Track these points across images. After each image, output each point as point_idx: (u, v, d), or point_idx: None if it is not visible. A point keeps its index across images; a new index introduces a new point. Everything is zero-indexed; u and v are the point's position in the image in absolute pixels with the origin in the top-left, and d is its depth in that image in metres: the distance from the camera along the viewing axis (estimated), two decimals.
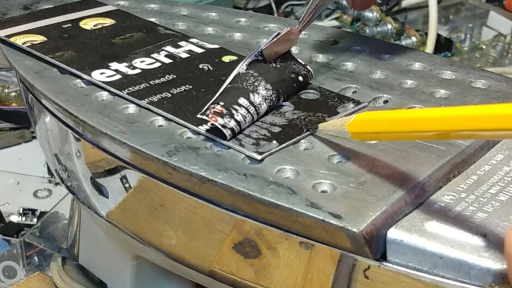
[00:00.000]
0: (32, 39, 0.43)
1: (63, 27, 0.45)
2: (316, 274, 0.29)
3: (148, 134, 0.33)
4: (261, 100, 0.35)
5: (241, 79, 0.35)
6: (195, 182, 0.31)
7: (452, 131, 0.22)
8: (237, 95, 0.34)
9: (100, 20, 0.47)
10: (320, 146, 0.32)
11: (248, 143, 0.33)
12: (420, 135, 0.25)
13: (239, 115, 0.33)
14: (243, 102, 0.34)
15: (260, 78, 0.35)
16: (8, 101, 0.75)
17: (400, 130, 0.26)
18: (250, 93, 0.35)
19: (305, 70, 0.38)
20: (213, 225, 0.32)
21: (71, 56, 0.41)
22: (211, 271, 0.33)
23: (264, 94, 0.35)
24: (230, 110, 0.33)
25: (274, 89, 0.36)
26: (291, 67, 0.38)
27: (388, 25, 0.70)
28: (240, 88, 0.35)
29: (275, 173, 0.30)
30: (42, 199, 0.64)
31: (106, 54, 0.42)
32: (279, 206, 0.28)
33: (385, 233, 0.27)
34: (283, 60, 0.38)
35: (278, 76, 0.37)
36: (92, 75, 0.39)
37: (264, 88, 0.35)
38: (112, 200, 0.37)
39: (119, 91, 0.37)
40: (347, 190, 0.29)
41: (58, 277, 0.49)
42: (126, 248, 0.43)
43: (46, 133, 0.41)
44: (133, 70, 0.39)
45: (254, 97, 0.34)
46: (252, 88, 0.35)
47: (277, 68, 0.37)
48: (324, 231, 0.27)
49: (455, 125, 0.22)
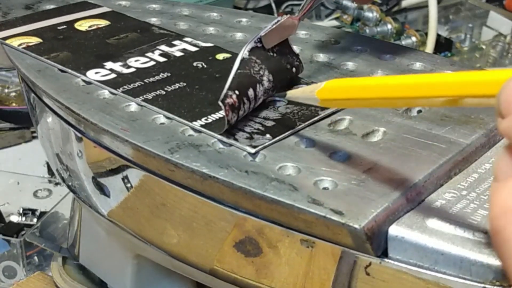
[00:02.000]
0: (28, 41, 0.44)
1: (58, 29, 0.46)
2: (317, 271, 0.29)
3: (150, 131, 0.33)
4: (262, 93, 0.35)
5: (247, 64, 0.35)
6: (197, 179, 0.31)
7: (417, 97, 0.22)
8: (248, 85, 0.34)
9: (95, 21, 0.47)
10: (322, 143, 0.33)
11: (242, 137, 0.33)
12: (388, 101, 0.25)
13: (242, 110, 0.33)
14: (251, 94, 0.34)
15: (263, 67, 0.35)
16: (8, 101, 0.75)
17: (368, 97, 0.25)
18: (257, 84, 0.34)
19: (297, 61, 0.38)
20: (214, 223, 0.32)
21: (66, 56, 0.42)
22: (212, 269, 0.33)
23: (266, 86, 0.35)
24: (240, 104, 0.33)
25: (274, 81, 0.36)
26: (287, 57, 0.38)
27: (388, 25, 0.70)
28: (249, 75, 0.34)
29: (277, 170, 0.30)
30: (42, 199, 0.64)
31: (101, 54, 0.42)
32: (280, 203, 0.28)
33: (387, 230, 0.27)
34: (280, 49, 0.37)
35: (276, 66, 0.37)
36: (87, 75, 0.39)
37: (268, 79, 0.35)
38: (114, 199, 0.37)
39: (114, 90, 0.37)
40: (348, 187, 0.29)
41: (58, 276, 0.49)
42: (126, 248, 0.43)
43: (48, 132, 0.41)
44: (128, 69, 0.40)
45: (259, 89, 0.34)
46: (258, 77, 0.35)
47: (274, 57, 0.37)
48: (325, 227, 0.27)
49: (419, 92, 0.22)
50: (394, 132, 0.33)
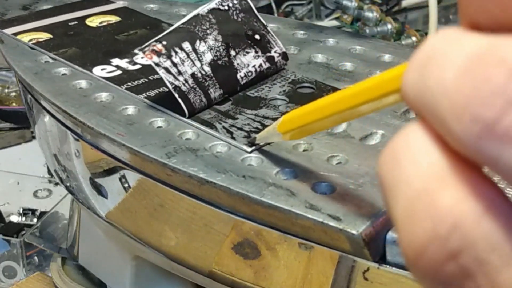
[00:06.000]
0: (38, 37, 0.44)
1: (69, 25, 0.46)
2: (316, 275, 0.29)
3: (147, 135, 0.33)
4: (206, 49, 0.35)
5: (197, 22, 0.35)
6: (194, 183, 0.31)
7: (357, 105, 0.22)
8: (183, 38, 0.35)
9: (106, 17, 0.47)
10: (319, 147, 0.32)
11: (239, 136, 0.33)
12: (338, 117, 0.25)
13: (177, 58, 0.34)
14: (186, 46, 0.34)
15: (215, 27, 0.36)
16: (8, 101, 0.75)
17: (319, 118, 0.26)
18: (197, 40, 0.35)
19: (264, 30, 0.38)
20: (213, 226, 0.32)
21: (74, 52, 0.42)
22: (210, 272, 0.33)
23: (211, 44, 0.35)
24: (170, 51, 0.33)
25: (224, 41, 0.36)
26: (251, 23, 0.38)
27: (388, 25, 0.70)
28: (189, 31, 0.35)
29: (274, 174, 0.30)
30: (42, 199, 0.64)
31: (108, 51, 0.42)
32: (278, 208, 0.28)
33: (385, 235, 0.27)
34: (245, 15, 0.38)
35: (234, 29, 0.37)
36: (93, 71, 0.39)
37: (214, 38, 0.35)
38: (111, 200, 0.37)
39: (118, 86, 0.37)
40: (346, 192, 0.29)
41: (58, 277, 0.49)
42: (125, 249, 0.43)
43: (45, 134, 0.41)
44: (134, 66, 0.40)
45: (199, 44, 0.35)
46: (202, 34, 0.35)
47: (237, 21, 0.37)
48: (323, 233, 0.27)
49: (354, 101, 0.22)
50: (393, 135, 0.33)
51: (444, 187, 0.14)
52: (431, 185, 0.14)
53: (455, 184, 0.13)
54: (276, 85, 0.38)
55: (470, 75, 0.13)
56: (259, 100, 0.36)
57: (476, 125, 0.13)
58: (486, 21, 0.13)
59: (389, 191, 0.15)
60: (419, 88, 0.14)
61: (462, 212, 0.13)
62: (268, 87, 0.38)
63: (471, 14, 0.14)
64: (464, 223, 0.13)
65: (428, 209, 0.14)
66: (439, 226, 0.13)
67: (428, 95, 0.14)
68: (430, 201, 0.14)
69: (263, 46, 0.38)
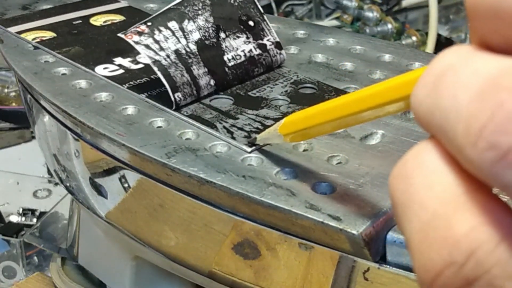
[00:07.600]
0: (42, 35, 0.44)
1: (73, 24, 0.46)
2: (316, 275, 0.29)
3: (147, 135, 0.33)
4: (194, 28, 0.35)
5: (189, 3, 0.36)
6: (194, 183, 0.30)
7: (360, 111, 0.22)
8: (170, 18, 0.35)
9: (111, 16, 0.47)
10: (319, 147, 0.32)
11: (239, 136, 0.33)
12: (341, 122, 0.25)
13: (160, 36, 0.34)
14: (173, 25, 0.34)
15: (208, 8, 0.36)
16: (8, 101, 0.75)
17: (321, 122, 0.26)
18: (186, 19, 0.35)
19: (259, 18, 0.38)
20: (213, 226, 0.32)
21: (77, 51, 0.42)
22: (210, 272, 0.33)
23: (201, 24, 0.35)
24: (153, 30, 0.33)
25: (215, 23, 0.36)
26: (247, 9, 0.38)
27: (389, 24, 0.70)
28: (178, 11, 0.35)
29: (274, 174, 0.30)
30: (42, 199, 0.64)
31: (112, 50, 0.42)
32: (278, 208, 0.28)
33: (385, 235, 0.27)
34: (244, 1, 0.38)
35: (228, 13, 0.37)
36: (95, 70, 0.39)
37: (205, 19, 0.35)
38: (111, 200, 0.37)
39: (120, 85, 0.37)
40: (346, 192, 0.29)
41: (57, 277, 0.49)
42: (125, 249, 0.43)
43: (45, 134, 0.41)
44: (136, 65, 0.40)
45: (187, 23, 0.35)
46: (192, 14, 0.35)
47: (233, 5, 0.37)
48: (323, 233, 0.27)
49: (358, 106, 0.22)
50: (393, 135, 0.33)
51: (459, 212, 0.13)
52: (446, 209, 0.14)
53: (470, 209, 0.13)
54: (278, 85, 0.38)
55: (485, 99, 0.13)
56: (261, 100, 0.36)
57: (491, 152, 0.12)
58: (499, 42, 0.13)
59: (402, 211, 0.15)
60: (430, 104, 0.14)
61: (478, 239, 0.13)
62: (270, 87, 0.38)
63: (484, 34, 0.14)
64: (480, 250, 0.13)
65: (443, 235, 0.13)
66: (455, 253, 0.13)
67: (440, 114, 0.14)
68: (446, 226, 0.13)
69: (256, 33, 0.38)
